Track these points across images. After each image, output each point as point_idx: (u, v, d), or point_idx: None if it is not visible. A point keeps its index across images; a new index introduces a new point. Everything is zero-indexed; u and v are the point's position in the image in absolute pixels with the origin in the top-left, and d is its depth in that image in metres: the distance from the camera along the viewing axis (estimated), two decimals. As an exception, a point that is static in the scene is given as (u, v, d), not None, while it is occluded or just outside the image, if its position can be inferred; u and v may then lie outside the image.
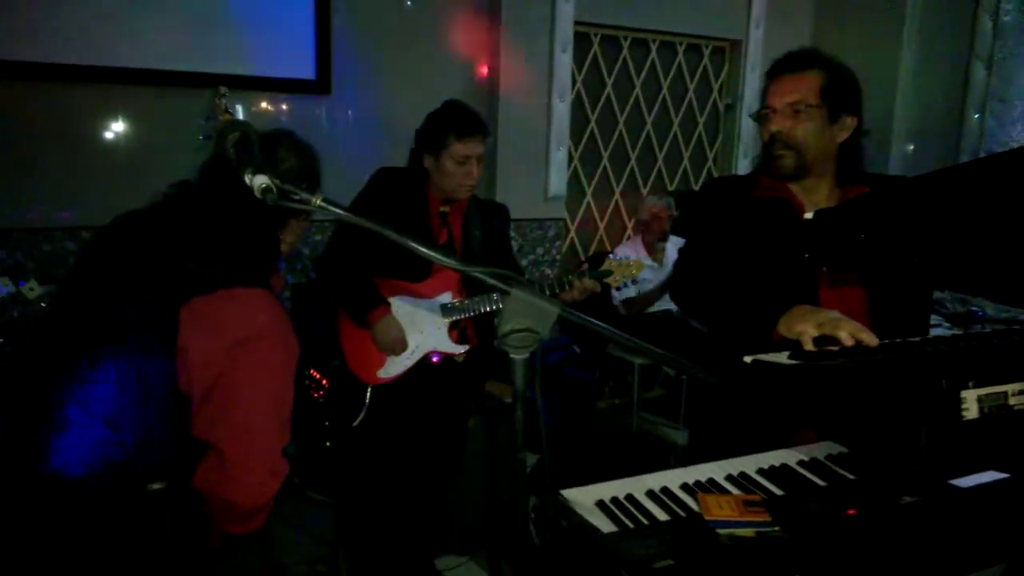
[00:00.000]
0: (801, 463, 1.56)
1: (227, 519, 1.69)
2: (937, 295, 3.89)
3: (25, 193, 3.72)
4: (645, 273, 4.19)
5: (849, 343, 1.62)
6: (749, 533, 1.19)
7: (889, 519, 1.26)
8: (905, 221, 1.68)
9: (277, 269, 1.90)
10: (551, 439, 1.27)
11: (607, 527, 1.25)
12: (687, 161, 5.95)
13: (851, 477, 1.48)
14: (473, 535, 3.55)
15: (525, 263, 5.07)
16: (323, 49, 4.26)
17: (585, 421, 4.58)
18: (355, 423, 2.92)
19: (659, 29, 5.52)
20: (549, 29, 4.85)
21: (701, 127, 5.96)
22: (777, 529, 1.20)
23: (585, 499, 1.35)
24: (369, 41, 4.45)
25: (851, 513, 1.27)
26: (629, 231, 5.69)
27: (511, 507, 1.24)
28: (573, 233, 5.54)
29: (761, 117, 2.05)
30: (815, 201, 2.04)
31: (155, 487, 1.64)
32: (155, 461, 1.65)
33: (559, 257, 5.26)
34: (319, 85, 4.30)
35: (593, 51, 5.37)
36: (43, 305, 3.19)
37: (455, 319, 2.91)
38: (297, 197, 1.22)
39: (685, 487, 1.44)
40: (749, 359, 1.59)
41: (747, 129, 5.90)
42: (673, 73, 5.74)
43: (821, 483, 1.46)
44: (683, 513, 1.32)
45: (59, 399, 1.58)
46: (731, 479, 1.49)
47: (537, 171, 5.02)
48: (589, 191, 5.56)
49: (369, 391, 2.91)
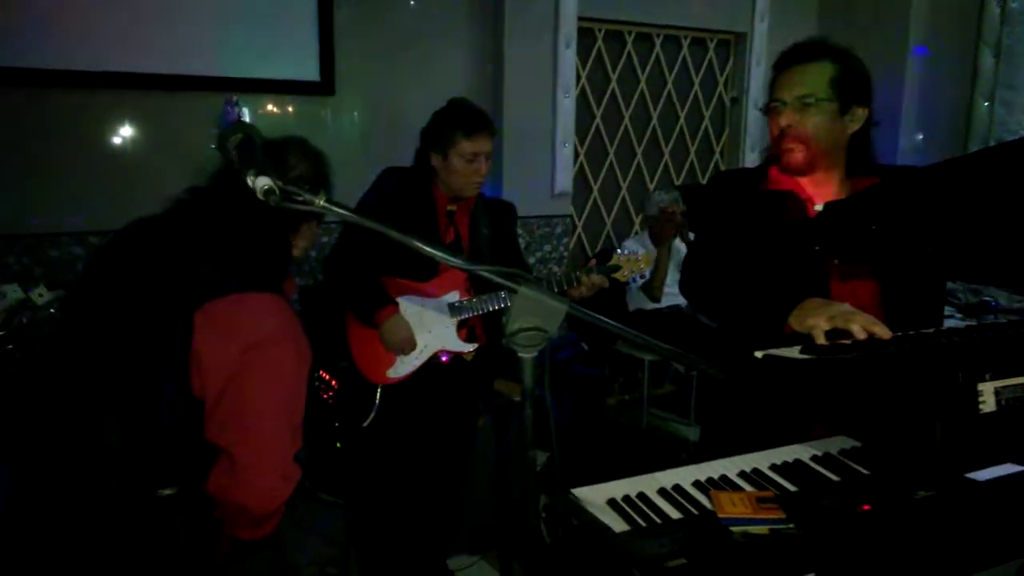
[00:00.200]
0: (814, 458, 1.54)
1: (239, 524, 1.69)
2: (949, 286, 3.87)
3: (32, 198, 3.73)
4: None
5: (862, 336, 1.60)
6: (763, 531, 1.18)
7: (904, 514, 1.25)
8: (916, 212, 1.66)
9: (289, 274, 1.89)
10: (560, 437, 1.25)
11: (619, 526, 1.24)
12: (693, 155, 5.93)
13: (865, 472, 1.47)
14: (484, 534, 3.54)
15: (532, 260, 5.06)
16: (326, 50, 4.26)
17: (595, 418, 4.58)
18: (365, 424, 2.91)
19: (663, 23, 5.51)
20: (553, 25, 4.84)
21: (707, 121, 5.94)
22: (791, 526, 1.19)
23: (596, 498, 1.34)
24: (372, 41, 4.44)
25: (866, 509, 1.26)
26: (636, 226, 5.67)
27: (522, 506, 1.23)
28: (580, 229, 5.53)
29: (770, 110, 2.02)
30: (825, 194, 2.01)
31: (166, 492, 1.63)
32: (167, 466, 1.64)
33: (566, 254, 5.24)
34: (323, 86, 4.30)
35: (597, 46, 5.35)
36: (52, 311, 3.19)
37: (463, 318, 2.91)
38: (300, 198, 1.21)
39: (697, 484, 1.42)
40: (760, 354, 1.57)
41: (753, 123, 5.88)
42: (678, 67, 5.72)
43: (835, 479, 1.44)
44: (696, 511, 1.30)
45: (71, 404, 1.58)
46: (744, 475, 1.48)
47: (543, 168, 5.01)
48: (595, 187, 5.55)
49: (379, 391, 2.90)
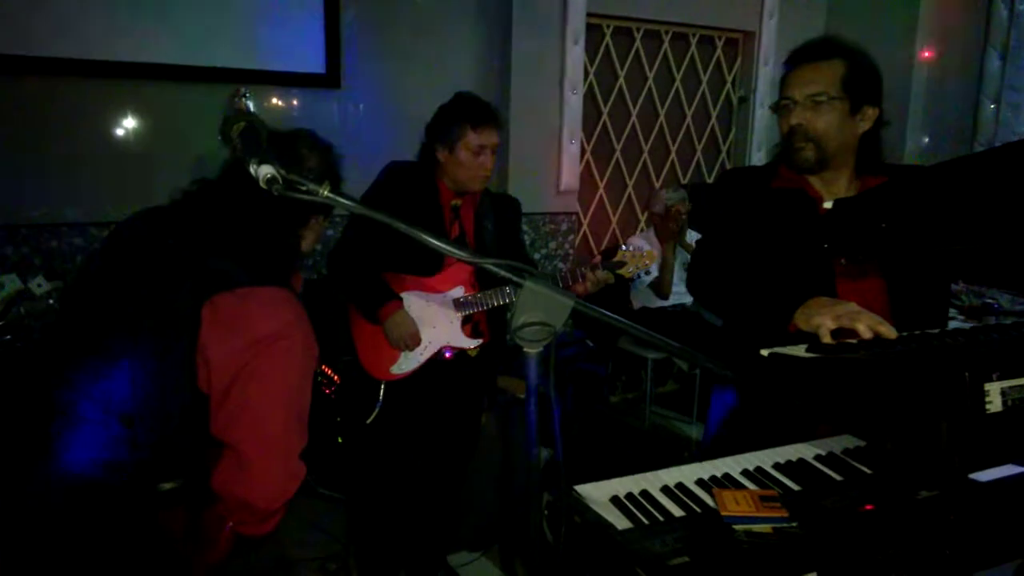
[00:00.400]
0: (818, 457, 1.54)
1: (243, 520, 1.69)
2: (951, 288, 3.86)
3: (33, 189, 3.72)
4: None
5: (867, 336, 1.60)
6: (766, 529, 1.18)
7: (907, 514, 1.24)
8: (925, 210, 1.65)
9: (298, 268, 1.89)
10: (563, 434, 1.25)
11: (622, 524, 1.24)
12: (700, 154, 5.91)
13: (868, 471, 1.46)
14: (486, 531, 3.54)
15: (538, 257, 5.05)
16: (333, 43, 4.25)
17: (597, 416, 4.57)
18: (369, 420, 2.91)
19: (672, 20, 5.48)
20: (561, 21, 4.82)
21: (714, 119, 5.92)
22: (794, 525, 1.19)
23: (599, 495, 1.34)
24: (379, 34, 4.43)
25: (868, 508, 1.26)
26: (642, 224, 5.67)
27: (524, 504, 1.23)
28: (586, 227, 5.52)
29: (781, 109, 2.01)
30: (834, 192, 2.01)
31: (167, 486, 1.63)
32: (170, 460, 1.64)
33: (572, 251, 5.23)
34: (329, 79, 4.29)
35: (605, 43, 5.33)
36: (50, 302, 3.19)
37: (468, 313, 2.90)
38: (304, 188, 1.20)
39: (700, 482, 1.42)
40: (766, 352, 1.57)
41: (761, 121, 5.86)
42: (686, 65, 5.70)
43: (838, 478, 1.44)
44: (699, 509, 1.30)
45: (74, 395, 1.58)
46: (747, 474, 1.48)
47: (550, 165, 4.99)
48: (602, 184, 5.54)
49: (382, 388, 2.90)
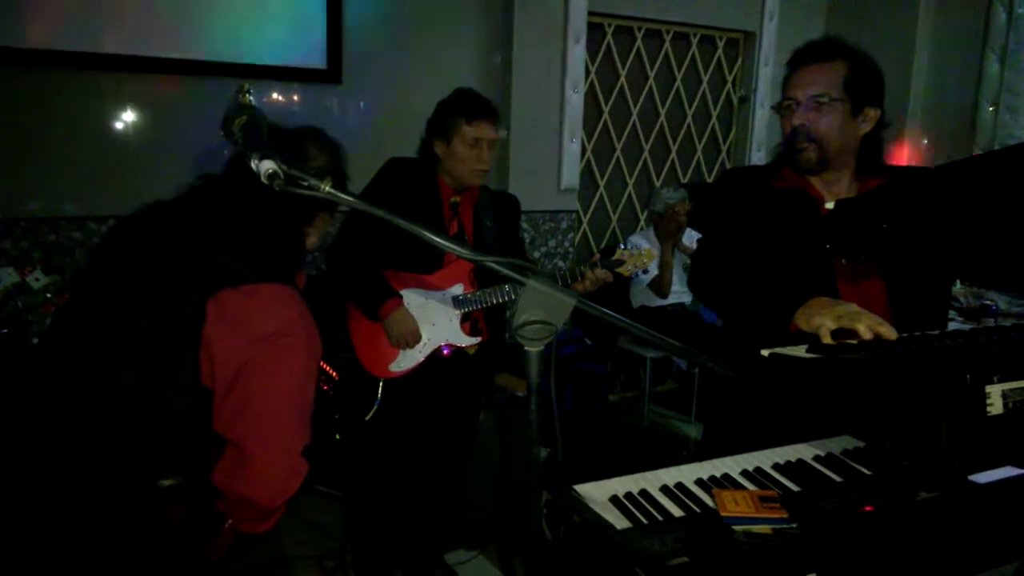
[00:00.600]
0: (817, 458, 1.54)
1: (243, 517, 1.68)
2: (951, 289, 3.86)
3: (31, 182, 3.70)
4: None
5: (868, 336, 1.60)
6: (765, 530, 1.18)
7: (906, 516, 1.24)
8: (926, 212, 1.65)
9: (303, 266, 1.88)
10: (562, 433, 1.25)
11: (621, 523, 1.24)
12: (700, 153, 5.91)
13: (867, 472, 1.46)
14: (484, 530, 3.54)
15: (538, 255, 5.05)
16: (334, 38, 4.24)
17: (596, 414, 4.57)
18: (367, 418, 2.90)
19: (673, 20, 5.48)
20: (563, 19, 4.82)
21: (715, 119, 5.92)
22: (794, 526, 1.19)
23: (598, 494, 1.34)
24: (381, 30, 4.42)
25: (868, 509, 1.26)
26: (642, 223, 5.66)
27: (524, 502, 1.23)
28: (586, 225, 5.52)
29: (783, 109, 2.01)
30: (835, 193, 2.01)
31: (167, 483, 1.62)
32: (171, 456, 1.64)
33: (571, 249, 5.23)
34: (330, 74, 4.28)
35: (607, 42, 5.33)
36: (48, 296, 3.19)
37: (467, 311, 2.90)
38: (305, 183, 1.20)
39: (700, 482, 1.42)
40: (767, 352, 1.56)
41: (760, 122, 5.87)
42: (687, 65, 5.70)
43: (837, 479, 1.44)
44: (698, 509, 1.30)
45: (76, 389, 1.57)
46: (746, 474, 1.47)
47: (550, 163, 4.99)
48: (602, 183, 5.54)
49: (380, 385, 2.89)
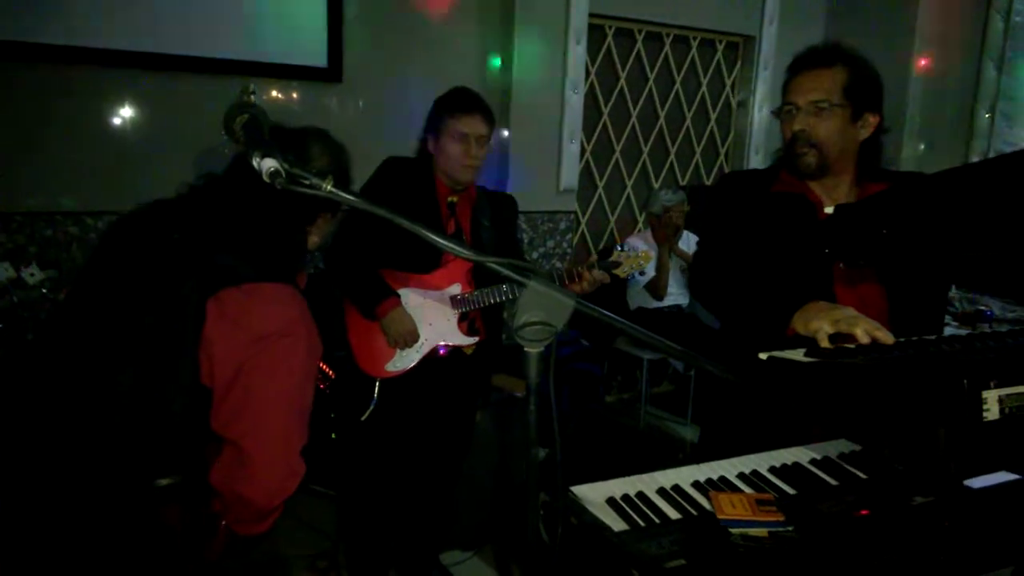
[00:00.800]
0: (813, 462, 1.55)
1: (240, 518, 1.68)
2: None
3: (28, 177, 3.69)
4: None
5: (865, 341, 1.60)
6: (762, 533, 1.18)
7: (901, 520, 1.25)
8: (926, 218, 1.66)
9: (304, 266, 1.88)
10: (559, 434, 1.25)
11: (618, 525, 1.24)
12: (699, 156, 5.92)
13: (863, 476, 1.47)
14: (479, 530, 3.54)
15: (536, 256, 5.05)
16: (335, 37, 4.24)
17: (593, 416, 4.57)
18: (363, 418, 2.90)
19: (673, 23, 5.49)
20: (563, 20, 4.82)
21: (713, 122, 5.92)
22: (790, 529, 1.19)
23: (596, 496, 1.33)
24: (382, 30, 4.42)
25: (864, 514, 1.26)
26: (640, 224, 5.67)
27: (520, 503, 1.23)
28: (584, 226, 5.52)
29: (783, 114, 2.02)
30: (835, 198, 2.01)
31: (164, 482, 1.62)
32: (169, 455, 1.63)
33: (570, 250, 5.23)
34: (331, 73, 4.27)
35: (607, 43, 5.33)
36: (44, 291, 3.18)
37: (464, 311, 2.90)
38: (307, 182, 1.20)
39: (696, 485, 1.42)
40: (764, 356, 1.57)
41: (759, 125, 5.87)
42: (686, 68, 5.71)
43: (833, 482, 1.44)
44: (695, 512, 1.30)
45: (73, 387, 1.57)
46: (743, 477, 1.48)
47: (549, 164, 4.99)
48: (601, 184, 5.54)
49: (377, 385, 2.89)
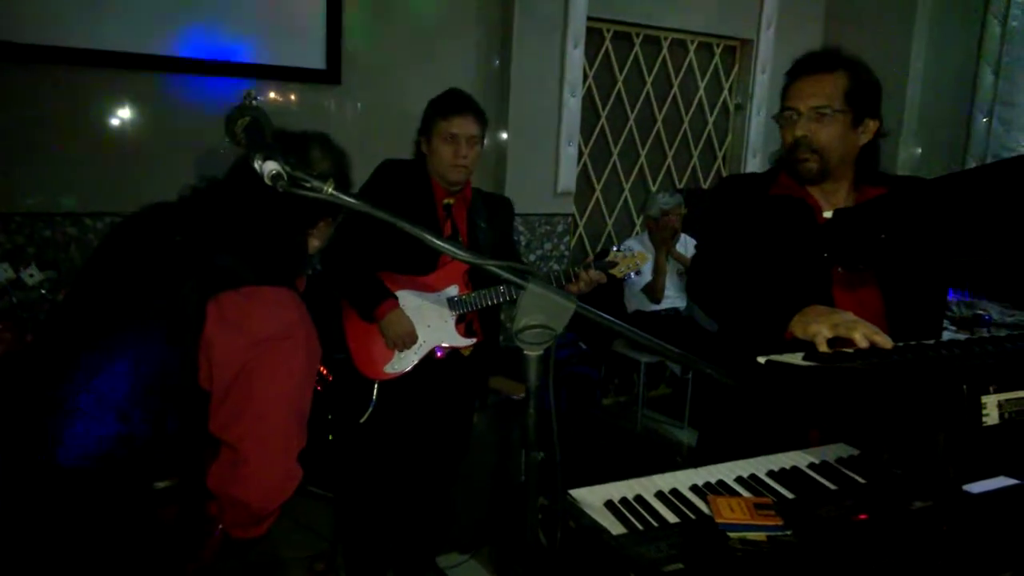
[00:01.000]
0: (811, 466, 1.55)
1: (236, 521, 1.67)
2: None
3: (27, 178, 3.69)
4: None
5: (864, 345, 1.60)
6: (760, 537, 1.18)
7: (900, 524, 1.24)
8: (925, 222, 1.66)
9: (304, 270, 1.88)
10: (558, 436, 1.25)
11: (616, 529, 1.24)
12: (696, 159, 5.92)
13: (861, 481, 1.47)
14: (476, 533, 3.53)
15: (533, 258, 5.05)
16: (334, 39, 4.23)
17: (590, 419, 4.57)
18: (362, 420, 2.89)
19: (671, 27, 5.50)
20: (562, 24, 4.82)
21: (711, 125, 5.92)
22: (788, 533, 1.19)
23: (594, 499, 1.33)
24: (381, 32, 4.42)
25: (862, 518, 1.26)
26: (637, 227, 5.67)
27: (518, 506, 1.23)
28: (581, 229, 5.52)
29: (784, 119, 2.01)
30: (834, 202, 2.01)
31: (162, 484, 1.62)
32: (166, 457, 1.63)
33: (567, 253, 5.24)
34: (329, 75, 4.26)
35: (605, 47, 5.34)
36: (43, 292, 3.17)
37: (461, 312, 2.90)
38: (308, 185, 1.20)
39: (695, 489, 1.42)
40: (763, 359, 1.57)
41: (756, 129, 5.88)
42: (684, 71, 5.71)
43: (832, 487, 1.44)
44: (693, 516, 1.30)
45: (72, 388, 1.56)
46: (741, 481, 1.48)
47: (547, 166, 4.99)
48: (598, 187, 5.54)
49: (375, 387, 2.89)
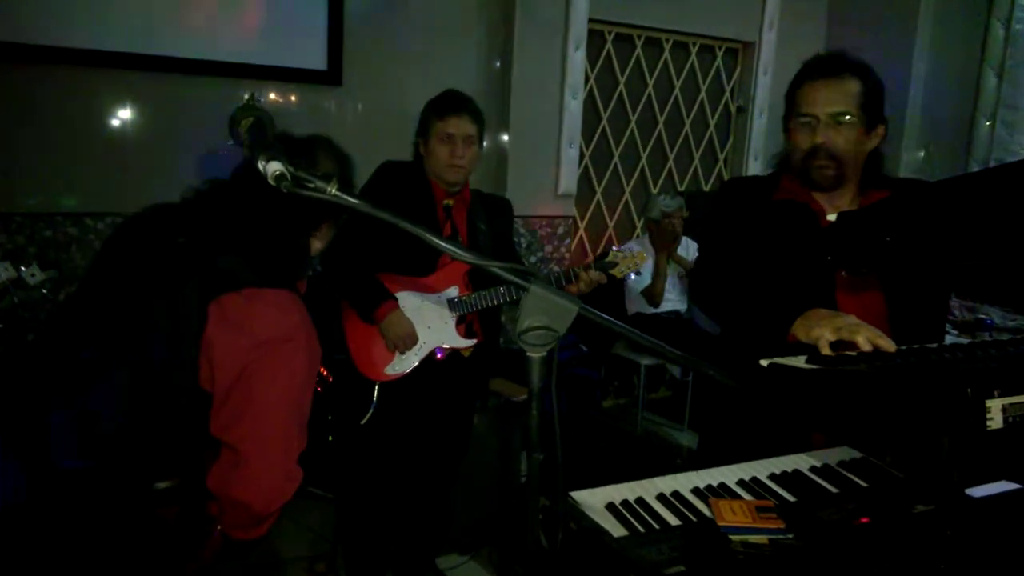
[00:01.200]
0: (813, 469, 1.54)
1: (236, 522, 1.67)
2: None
3: (28, 178, 3.70)
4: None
5: (867, 348, 1.59)
6: (762, 540, 1.17)
7: (903, 528, 1.24)
8: (929, 225, 1.65)
9: (306, 273, 1.88)
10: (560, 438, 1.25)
11: (617, 531, 1.23)
12: (698, 162, 5.92)
13: (863, 484, 1.46)
14: (475, 534, 3.53)
15: (534, 260, 5.05)
16: (335, 40, 4.23)
17: (590, 421, 4.57)
18: (363, 422, 2.89)
19: (673, 29, 5.50)
20: (563, 26, 4.82)
21: (712, 128, 5.93)
22: (790, 537, 1.18)
23: (595, 501, 1.33)
24: (382, 34, 4.42)
25: (864, 521, 1.26)
26: (638, 230, 5.67)
27: (519, 508, 1.23)
28: (582, 231, 5.52)
29: (801, 125, 1.97)
30: (838, 206, 2.00)
31: (163, 485, 1.62)
32: (167, 458, 1.63)
33: (568, 255, 5.23)
34: (330, 76, 4.26)
35: (606, 49, 5.34)
36: (44, 291, 3.17)
37: (462, 313, 2.89)
38: (312, 185, 1.20)
39: (696, 491, 1.42)
40: (766, 362, 1.56)
41: (758, 131, 5.88)
42: (686, 73, 5.71)
43: (834, 490, 1.44)
44: (695, 518, 1.30)
45: (72, 388, 1.56)
46: (743, 484, 1.47)
47: (548, 168, 4.99)
48: (599, 189, 5.54)
49: (376, 389, 2.88)
